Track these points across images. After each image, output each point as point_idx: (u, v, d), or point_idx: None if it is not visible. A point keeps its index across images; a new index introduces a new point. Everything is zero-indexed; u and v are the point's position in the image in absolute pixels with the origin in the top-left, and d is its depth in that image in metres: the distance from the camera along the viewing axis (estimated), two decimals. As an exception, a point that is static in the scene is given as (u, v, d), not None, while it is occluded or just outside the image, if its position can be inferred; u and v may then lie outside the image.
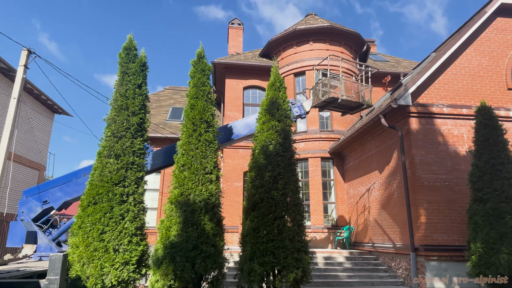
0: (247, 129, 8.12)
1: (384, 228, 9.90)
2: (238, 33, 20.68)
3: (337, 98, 7.74)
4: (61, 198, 8.08)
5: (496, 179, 6.87)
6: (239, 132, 8.26)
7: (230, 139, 8.26)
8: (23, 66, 10.90)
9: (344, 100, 8.00)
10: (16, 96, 10.77)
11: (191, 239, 5.52)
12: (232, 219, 12.59)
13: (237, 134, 8.24)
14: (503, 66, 9.54)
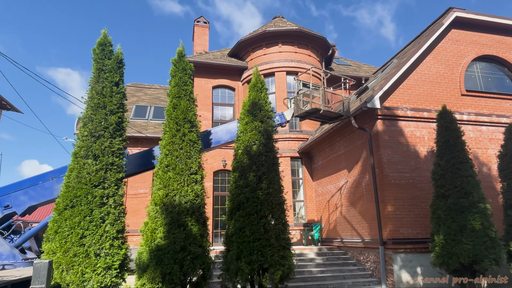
0: (229, 135, 8.10)
1: (353, 224, 10.43)
2: (204, 31, 20.46)
3: (319, 109, 8.03)
4: (26, 202, 7.51)
5: (456, 176, 7.56)
6: (221, 138, 8.21)
7: (210, 144, 8.16)
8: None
9: (325, 111, 8.30)
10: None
11: (178, 240, 5.46)
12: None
13: (218, 140, 8.19)
14: (457, 73, 10.49)
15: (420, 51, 10.04)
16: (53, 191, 7.41)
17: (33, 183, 7.51)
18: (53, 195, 7.46)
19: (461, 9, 11.27)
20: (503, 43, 11.32)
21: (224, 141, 8.12)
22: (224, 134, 8.12)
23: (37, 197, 7.52)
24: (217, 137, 8.14)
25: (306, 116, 8.65)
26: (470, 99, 10.37)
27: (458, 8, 11.41)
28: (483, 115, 10.23)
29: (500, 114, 10.39)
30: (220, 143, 8.23)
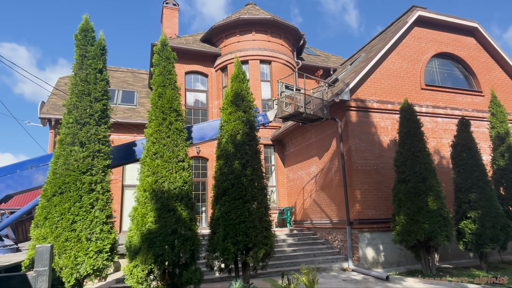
0: (213, 132, 8.20)
1: (322, 207, 11.23)
2: (173, 14, 20.07)
3: (302, 112, 8.41)
4: (2, 191, 7.28)
5: (416, 163, 8.47)
6: (206, 134, 8.32)
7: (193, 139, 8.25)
8: None
9: (307, 114, 8.64)
10: None
11: (169, 224, 5.76)
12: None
13: (202, 136, 8.31)
14: (418, 69, 11.44)
15: (386, 47, 10.81)
16: (32, 180, 7.25)
17: (11, 172, 7.28)
18: (32, 184, 7.31)
19: (423, 8, 12.17)
20: (458, 42, 12.43)
21: (209, 137, 8.29)
22: (209, 130, 8.31)
23: (14, 186, 7.31)
24: (202, 133, 8.31)
25: (289, 118, 9.02)
26: (428, 93, 11.39)
27: (420, 7, 12.31)
28: (439, 108, 11.31)
29: (454, 107, 11.53)
30: (205, 139, 8.38)
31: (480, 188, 8.85)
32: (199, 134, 8.31)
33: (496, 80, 12.69)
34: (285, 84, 8.60)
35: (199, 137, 8.32)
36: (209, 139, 8.40)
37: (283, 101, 8.39)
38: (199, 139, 8.34)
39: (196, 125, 8.46)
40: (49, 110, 14.75)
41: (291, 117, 8.91)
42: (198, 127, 8.40)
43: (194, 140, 8.25)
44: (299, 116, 8.84)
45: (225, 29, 15.54)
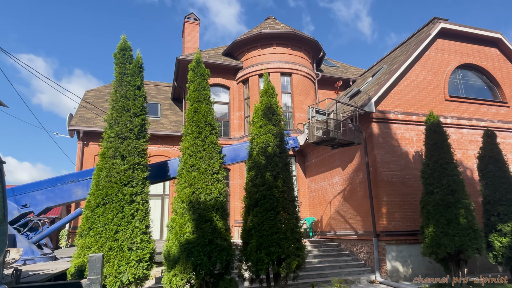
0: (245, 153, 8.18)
1: (347, 218, 11.26)
2: (194, 28, 20.67)
3: (335, 138, 8.29)
4: (43, 203, 7.66)
5: (443, 175, 8.47)
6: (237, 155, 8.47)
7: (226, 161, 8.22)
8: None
9: (340, 139, 8.62)
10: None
11: (206, 234, 5.97)
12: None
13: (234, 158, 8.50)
14: (442, 80, 11.46)
15: (410, 59, 10.91)
16: (71, 194, 7.57)
17: (52, 185, 7.64)
18: (71, 198, 7.62)
19: (445, 20, 12.25)
20: (482, 53, 12.42)
21: (240, 158, 8.41)
22: (242, 151, 8.41)
23: (54, 199, 7.64)
24: (235, 154, 8.46)
25: (322, 143, 8.97)
26: (453, 104, 11.38)
27: (442, 19, 12.40)
28: (464, 119, 11.27)
29: (479, 118, 11.47)
30: (237, 161, 8.53)
31: (509, 200, 8.75)
32: (231, 155, 8.44)
33: (522, 90, 12.56)
34: (315, 108, 8.59)
35: (231, 157, 8.44)
36: (241, 160, 8.50)
37: (314, 126, 8.41)
38: (231, 160, 8.45)
39: (229, 146, 8.58)
40: (77, 123, 15.35)
41: (323, 142, 8.88)
42: (231, 148, 8.52)
43: (226, 160, 8.27)
44: (331, 141, 8.77)
45: (246, 43, 15.93)
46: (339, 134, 8.66)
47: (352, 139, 9.15)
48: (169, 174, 8.04)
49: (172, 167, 8.17)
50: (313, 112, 8.48)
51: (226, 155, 8.22)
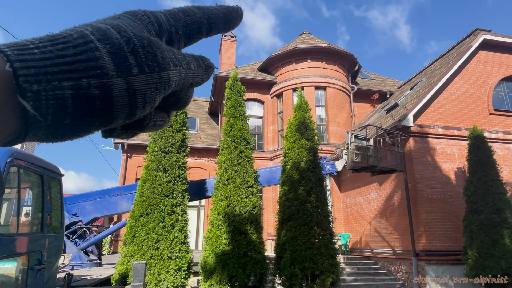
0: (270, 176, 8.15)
1: (384, 235, 10.94)
2: (231, 45, 21.36)
3: (376, 166, 7.98)
4: (91, 213, 8.16)
5: (488, 193, 8.06)
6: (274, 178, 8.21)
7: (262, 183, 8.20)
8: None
9: (381, 167, 8.36)
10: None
11: (241, 247, 6.14)
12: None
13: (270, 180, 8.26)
14: (485, 93, 10.97)
15: (451, 72, 10.59)
16: (117, 206, 7.98)
17: (100, 196, 8.14)
18: (117, 210, 8.09)
19: (487, 31, 11.78)
20: (530, 64, 11.74)
21: (276, 181, 8.15)
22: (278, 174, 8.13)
23: (102, 210, 8.09)
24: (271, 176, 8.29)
25: (361, 170, 8.69)
26: (498, 118, 10.82)
27: (485, 30, 11.94)
28: (510, 134, 10.66)
29: (527, 132, 10.80)
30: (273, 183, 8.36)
31: None
32: (267, 177, 8.21)
33: None
34: (354, 134, 8.26)
35: (267, 179, 8.22)
36: (277, 183, 8.19)
37: (353, 152, 8.13)
38: (267, 182, 8.25)
39: (265, 168, 8.44)
40: (122, 136, 16.31)
41: (363, 170, 8.52)
42: (267, 170, 8.36)
43: (262, 182, 8.13)
44: (371, 168, 8.38)
45: (281, 59, 16.23)
46: (380, 160, 8.27)
47: (394, 165, 8.67)
48: (206, 192, 8.06)
49: (210, 186, 8.06)
50: (351, 138, 8.08)
51: (262, 177, 8.06)
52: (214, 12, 0.43)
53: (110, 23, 0.33)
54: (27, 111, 0.27)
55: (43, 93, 0.27)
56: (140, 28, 0.35)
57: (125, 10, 0.38)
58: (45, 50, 0.28)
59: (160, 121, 0.39)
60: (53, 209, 4.13)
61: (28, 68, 0.27)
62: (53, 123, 0.28)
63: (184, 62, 0.37)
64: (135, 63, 0.31)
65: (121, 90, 0.30)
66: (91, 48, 0.30)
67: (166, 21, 0.39)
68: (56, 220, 4.21)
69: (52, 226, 4.06)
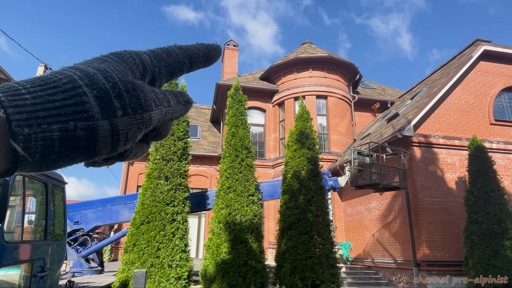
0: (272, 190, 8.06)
1: (385, 245, 10.90)
2: (233, 54, 21.57)
3: (379, 183, 7.92)
4: (93, 221, 8.14)
5: (489, 204, 8.06)
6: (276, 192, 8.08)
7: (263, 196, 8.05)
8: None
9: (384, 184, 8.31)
10: None
11: (241, 255, 6.15)
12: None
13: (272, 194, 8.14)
14: (486, 103, 11.03)
15: (451, 82, 10.67)
16: (119, 216, 7.93)
17: (103, 205, 8.10)
18: (118, 219, 8.06)
19: (487, 42, 11.89)
20: (530, 75, 11.81)
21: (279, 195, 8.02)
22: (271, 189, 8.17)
23: (103, 219, 8.06)
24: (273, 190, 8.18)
25: (364, 187, 8.64)
26: (498, 128, 10.86)
27: (485, 40, 12.05)
28: (511, 144, 10.68)
29: (528, 143, 10.81)
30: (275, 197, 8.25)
31: None
32: (269, 191, 8.09)
33: None
34: (357, 150, 8.05)
35: (269, 193, 8.11)
36: (278, 197, 8.06)
37: (356, 169, 8.10)
38: (269, 196, 8.15)
39: (267, 182, 8.32)
40: (124, 143, 16.41)
41: (366, 187, 8.38)
42: (269, 184, 8.25)
43: (263, 196, 8.01)
44: (375, 186, 8.30)
45: (283, 68, 16.38)
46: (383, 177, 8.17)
47: (397, 182, 8.59)
48: (207, 204, 7.93)
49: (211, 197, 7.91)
50: (355, 154, 7.95)
51: (264, 191, 7.96)
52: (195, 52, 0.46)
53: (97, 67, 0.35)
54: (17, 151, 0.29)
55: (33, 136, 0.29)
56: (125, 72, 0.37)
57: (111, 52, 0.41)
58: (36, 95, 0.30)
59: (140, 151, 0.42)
60: (56, 217, 4.19)
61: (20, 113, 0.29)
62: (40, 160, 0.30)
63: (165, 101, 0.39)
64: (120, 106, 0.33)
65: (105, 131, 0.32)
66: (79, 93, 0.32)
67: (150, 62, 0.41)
68: (59, 227, 4.26)
69: (55, 233, 4.11)
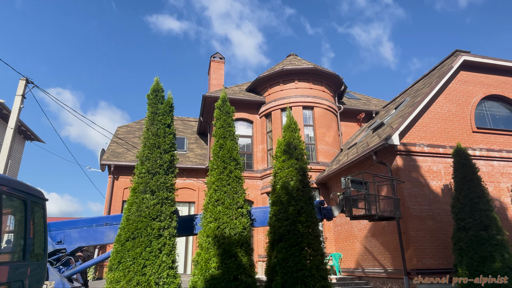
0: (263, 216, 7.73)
1: (374, 254, 10.88)
2: (219, 66, 21.62)
3: (375, 215, 7.82)
4: (77, 241, 7.73)
5: (475, 210, 8.16)
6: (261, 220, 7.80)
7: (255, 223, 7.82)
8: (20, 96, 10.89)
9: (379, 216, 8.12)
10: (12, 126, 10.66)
11: (231, 270, 6.00)
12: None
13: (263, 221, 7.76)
14: (467, 112, 11.31)
15: (433, 92, 10.91)
16: (104, 237, 7.51)
17: (88, 225, 7.67)
18: (103, 241, 7.57)
19: (466, 52, 12.29)
20: (508, 84, 12.23)
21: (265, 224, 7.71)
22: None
23: (88, 239, 7.63)
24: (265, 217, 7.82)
25: (359, 218, 8.42)
26: (480, 136, 11.12)
27: (464, 51, 12.46)
28: (493, 151, 10.94)
29: (509, 149, 11.10)
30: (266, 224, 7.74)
31: (551, 237, 8.24)
32: (261, 217, 7.71)
33: (555, 120, 12.12)
34: (351, 178, 7.85)
35: (261, 220, 7.72)
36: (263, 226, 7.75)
37: (349, 199, 7.75)
38: (261, 223, 7.75)
39: (259, 208, 7.95)
40: (109, 157, 16.08)
41: (361, 217, 8.19)
42: (261, 210, 7.84)
43: (255, 224, 7.73)
44: (370, 217, 8.12)
45: (269, 79, 16.49)
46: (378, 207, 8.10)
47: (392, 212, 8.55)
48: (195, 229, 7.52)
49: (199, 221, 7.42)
50: (348, 183, 7.73)
51: (255, 217, 7.68)
52: None
53: None
54: None
55: None
56: None
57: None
58: None
59: None
60: (36, 235, 3.99)
61: None
62: None
63: None
64: None
65: None
66: None
67: None
68: (39, 247, 4.06)
69: (34, 253, 3.91)
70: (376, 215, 7.81)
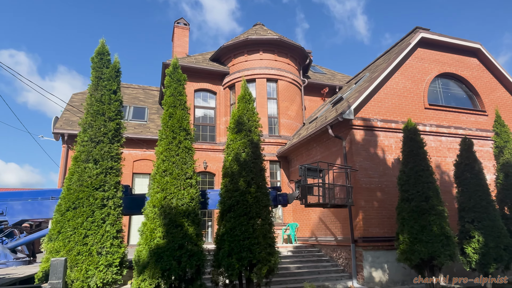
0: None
1: (327, 224, 11.33)
2: (184, 33, 20.71)
3: (327, 203, 8.14)
4: (20, 214, 7.31)
5: (419, 182, 8.59)
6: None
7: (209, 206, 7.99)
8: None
9: (332, 204, 8.51)
10: None
11: (176, 239, 5.99)
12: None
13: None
14: (421, 89, 11.66)
15: (390, 67, 11.10)
16: (49, 211, 7.21)
17: (33, 197, 7.38)
18: (49, 215, 7.22)
19: (426, 30, 12.49)
20: (461, 62, 12.67)
21: None
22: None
23: (31, 212, 7.34)
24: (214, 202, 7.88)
25: (314, 206, 8.83)
26: (432, 112, 11.57)
27: (423, 28, 12.64)
28: (443, 127, 11.46)
29: (457, 126, 11.68)
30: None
31: (483, 207, 8.90)
32: (216, 200, 7.69)
33: (500, 100, 12.83)
34: (307, 166, 8.05)
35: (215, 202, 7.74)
36: None
37: (305, 187, 7.97)
38: (215, 206, 7.79)
39: (216, 191, 7.98)
40: (62, 126, 15.26)
41: (315, 205, 8.66)
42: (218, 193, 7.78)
43: (210, 205, 7.88)
44: (323, 205, 8.58)
45: (233, 49, 16.05)
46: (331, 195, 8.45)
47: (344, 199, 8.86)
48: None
49: None
50: (305, 171, 7.96)
51: (211, 200, 7.76)
52: None
53: None
54: None
55: None
56: None
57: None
58: None
59: None
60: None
61: None
62: None
63: None
64: None
65: None
66: None
67: None
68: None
69: None
70: (328, 203, 8.16)
